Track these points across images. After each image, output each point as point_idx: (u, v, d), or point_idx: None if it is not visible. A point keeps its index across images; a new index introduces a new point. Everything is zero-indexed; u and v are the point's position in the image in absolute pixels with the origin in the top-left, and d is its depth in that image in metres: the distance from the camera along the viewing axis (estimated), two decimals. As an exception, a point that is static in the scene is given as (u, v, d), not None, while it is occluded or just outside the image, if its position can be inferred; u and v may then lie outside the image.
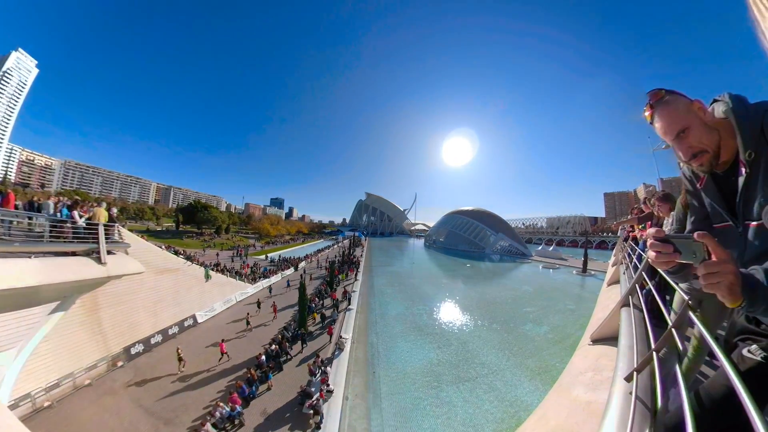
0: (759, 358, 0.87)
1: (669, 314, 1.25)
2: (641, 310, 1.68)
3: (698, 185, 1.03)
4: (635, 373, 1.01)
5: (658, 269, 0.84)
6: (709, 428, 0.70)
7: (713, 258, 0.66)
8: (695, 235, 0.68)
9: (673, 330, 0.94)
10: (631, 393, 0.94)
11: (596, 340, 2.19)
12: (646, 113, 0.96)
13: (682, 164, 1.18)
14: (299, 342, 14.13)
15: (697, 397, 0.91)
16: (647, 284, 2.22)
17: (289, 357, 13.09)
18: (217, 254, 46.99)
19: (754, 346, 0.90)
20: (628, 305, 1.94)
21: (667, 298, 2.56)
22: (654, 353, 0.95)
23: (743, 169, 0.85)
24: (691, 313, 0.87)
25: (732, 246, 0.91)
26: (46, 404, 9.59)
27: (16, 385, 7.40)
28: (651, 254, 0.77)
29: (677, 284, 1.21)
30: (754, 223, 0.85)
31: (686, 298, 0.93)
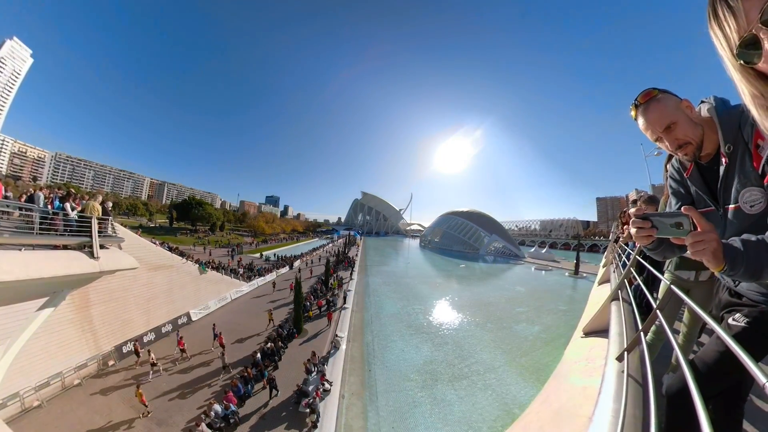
0: (743, 324, 1.01)
1: (655, 302, 1.39)
2: (630, 303, 1.80)
3: (685, 174, 1.16)
4: (626, 353, 1.12)
5: (641, 246, 0.97)
6: (705, 392, 0.80)
7: (699, 229, 0.77)
8: (682, 209, 0.80)
9: (657, 312, 1.05)
10: (623, 372, 1.05)
11: (588, 333, 2.32)
12: (632, 112, 1.09)
13: (667, 165, 1.32)
14: (267, 386, 10.35)
15: (692, 365, 1.01)
16: (635, 280, 2.37)
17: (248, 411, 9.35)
18: (204, 249, 46.43)
19: (738, 315, 1.03)
20: (618, 299, 2.07)
21: (654, 295, 2.72)
22: (641, 334, 1.06)
23: (723, 160, 0.98)
24: (681, 294, 0.97)
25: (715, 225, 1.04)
26: (35, 404, 9.35)
27: (4, 384, 7.21)
28: (633, 230, 0.89)
29: (662, 275, 1.36)
30: (732, 206, 0.97)
31: (667, 282, 1.05)
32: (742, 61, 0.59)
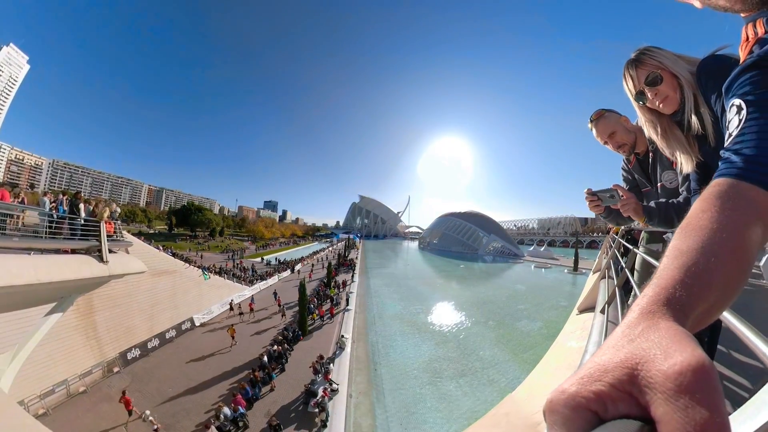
0: None
1: (632, 275, 1.66)
2: (614, 278, 2.06)
3: (629, 166, 1.66)
4: (606, 305, 1.38)
5: (598, 214, 1.43)
6: None
7: (624, 197, 1.24)
8: (612, 185, 1.27)
9: (626, 270, 1.33)
10: (605, 320, 1.30)
11: (582, 310, 2.57)
12: (589, 125, 1.57)
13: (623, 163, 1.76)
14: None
15: None
16: (620, 261, 2.62)
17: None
18: (196, 254, 46.42)
19: None
20: (605, 277, 2.32)
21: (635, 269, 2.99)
22: (617, 289, 1.32)
23: (651, 154, 1.48)
24: (643, 254, 1.27)
25: (652, 200, 1.47)
26: (40, 412, 9.35)
27: (10, 392, 7.19)
28: (587, 204, 1.31)
29: (636, 249, 1.68)
30: (659, 184, 1.45)
31: (636, 250, 1.33)
32: (639, 102, 1.05)
